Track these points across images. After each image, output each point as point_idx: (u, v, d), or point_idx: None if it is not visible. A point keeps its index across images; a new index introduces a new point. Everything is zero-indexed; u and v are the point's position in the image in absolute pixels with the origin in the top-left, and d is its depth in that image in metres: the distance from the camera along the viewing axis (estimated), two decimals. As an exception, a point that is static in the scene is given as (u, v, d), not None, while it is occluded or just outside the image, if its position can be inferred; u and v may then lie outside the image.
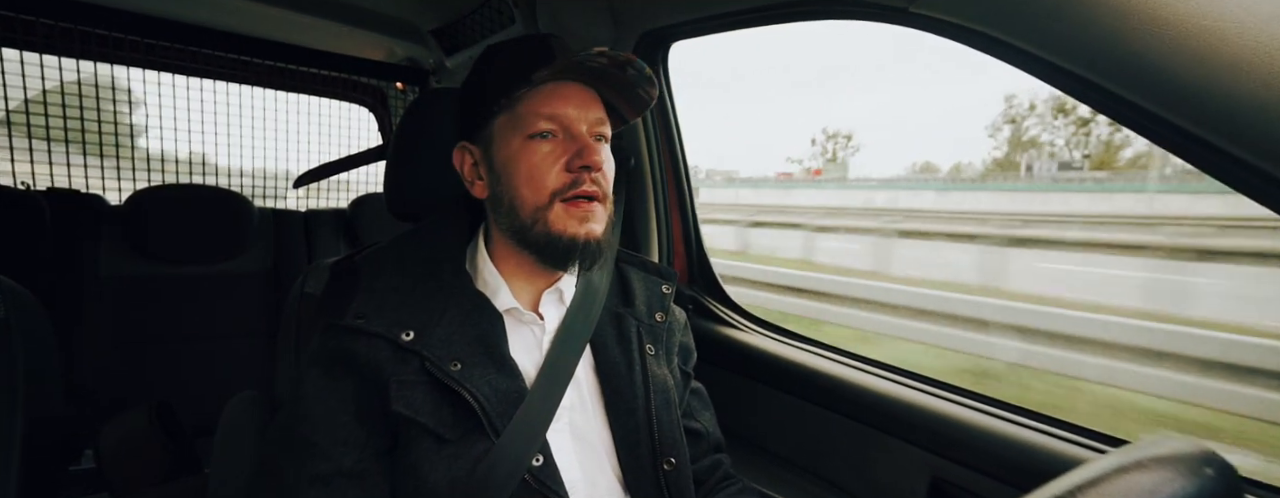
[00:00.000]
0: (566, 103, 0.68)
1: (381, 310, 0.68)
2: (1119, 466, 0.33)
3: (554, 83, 0.69)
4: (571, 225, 0.68)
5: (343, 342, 0.67)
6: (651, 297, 0.83)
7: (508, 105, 0.69)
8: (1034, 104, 32.33)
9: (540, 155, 0.68)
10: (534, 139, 0.68)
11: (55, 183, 1.85)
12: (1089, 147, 29.70)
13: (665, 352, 0.80)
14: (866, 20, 0.86)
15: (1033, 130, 33.34)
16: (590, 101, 0.70)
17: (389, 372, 0.65)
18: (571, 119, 0.68)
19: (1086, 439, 0.76)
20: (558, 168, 0.68)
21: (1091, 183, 20.86)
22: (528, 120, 0.68)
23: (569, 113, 0.68)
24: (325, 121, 2.40)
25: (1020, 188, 20.82)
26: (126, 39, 1.76)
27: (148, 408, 1.51)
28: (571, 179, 0.67)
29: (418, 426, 0.64)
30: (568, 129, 0.68)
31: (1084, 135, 30.27)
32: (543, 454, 0.66)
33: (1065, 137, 30.93)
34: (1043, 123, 31.45)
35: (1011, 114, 32.91)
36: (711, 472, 0.82)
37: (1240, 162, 0.54)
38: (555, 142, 0.68)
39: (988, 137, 37.02)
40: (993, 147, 37.18)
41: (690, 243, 1.40)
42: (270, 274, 1.96)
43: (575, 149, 0.67)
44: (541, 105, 0.68)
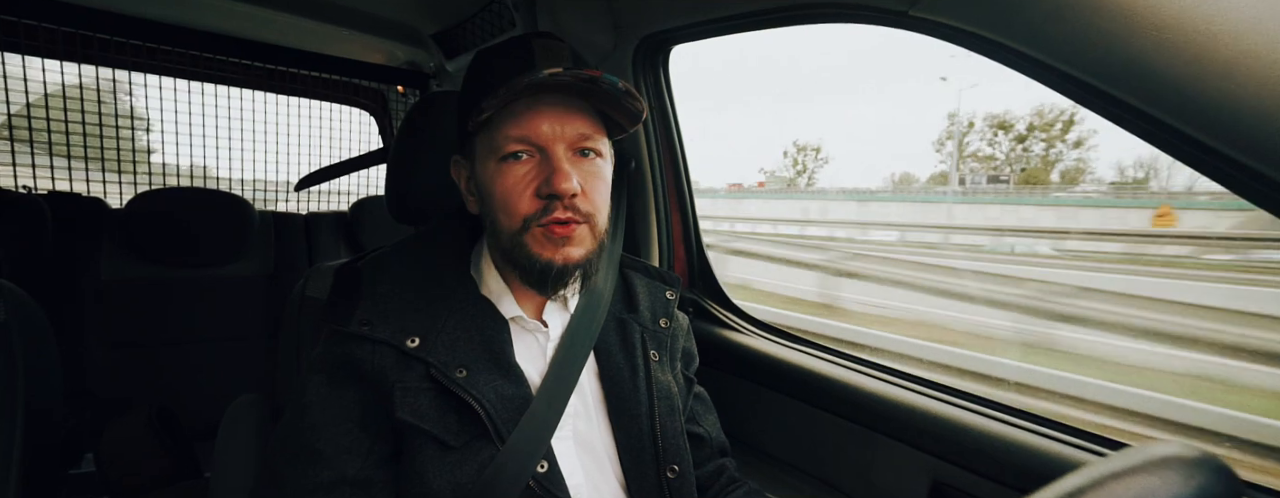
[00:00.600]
0: (540, 120, 0.64)
1: (386, 317, 0.67)
2: (1119, 469, 0.33)
3: (531, 98, 0.64)
4: (546, 251, 0.65)
5: (347, 348, 0.66)
6: (655, 302, 0.83)
7: (484, 124, 0.66)
8: (973, 122, 35.04)
9: (513, 179, 0.65)
10: (507, 161, 0.65)
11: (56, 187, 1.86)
12: (1028, 162, 32.36)
13: (669, 358, 0.80)
14: (867, 23, 0.86)
15: (974, 145, 36.05)
16: (571, 115, 0.65)
17: (393, 378, 0.64)
18: (544, 138, 0.64)
19: (1087, 442, 0.76)
20: (529, 193, 0.64)
21: (993, 196, 23.64)
22: (499, 142, 0.65)
23: (542, 131, 0.64)
24: (326, 125, 2.40)
25: (930, 199, 24.06)
26: (128, 43, 1.76)
27: (148, 411, 1.52)
28: (543, 205, 0.64)
29: (422, 432, 0.63)
30: (542, 149, 0.65)
31: (1024, 151, 33.06)
32: (547, 461, 0.66)
33: (1004, 152, 33.75)
34: (984, 138, 34.25)
35: (950, 130, 35.35)
36: (716, 477, 0.81)
37: (1239, 165, 0.54)
38: (529, 162, 0.65)
39: (934, 151, 40.14)
40: (938, 160, 40.15)
41: (691, 246, 1.40)
42: (271, 277, 1.96)
43: (546, 174, 0.63)
44: (512, 126, 0.64)
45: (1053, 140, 30.95)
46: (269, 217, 2.02)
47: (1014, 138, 32.37)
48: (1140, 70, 0.56)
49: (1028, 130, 31.16)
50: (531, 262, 0.66)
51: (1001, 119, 30.96)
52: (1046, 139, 31.13)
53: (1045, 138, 31.20)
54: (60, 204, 1.70)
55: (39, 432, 0.91)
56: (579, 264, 0.67)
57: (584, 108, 0.67)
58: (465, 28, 1.65)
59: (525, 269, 0.67)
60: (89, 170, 1.93)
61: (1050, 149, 30.58)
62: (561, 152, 0.65)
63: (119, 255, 1.75)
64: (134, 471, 1.43)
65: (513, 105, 0.64)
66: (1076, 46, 0.60)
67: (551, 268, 0.65)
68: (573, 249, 0.66)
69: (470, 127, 0.66)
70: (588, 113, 0.67)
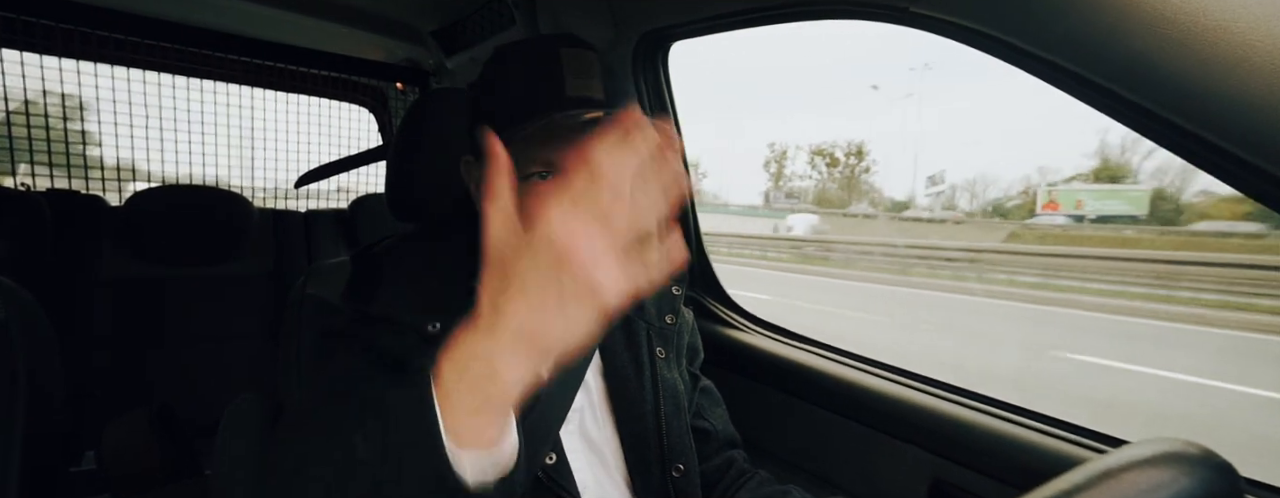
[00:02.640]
0: (563, 144, 0.63)
1: (407, 301, 0.67)
2: (1118, 465, 0.33)
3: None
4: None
5: (370, 331, 0.65)
6: (661, 299, 0.82)
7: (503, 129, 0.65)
8: (785, 149, 41.99)
9: (532, 196, 0.64)
10: (530, 179, 0.65)
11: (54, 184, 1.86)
12: (839, 183, 39.01)
13: (676, 355, 0.80)
14: (866, 20, 0.86)
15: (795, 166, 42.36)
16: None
17: (419, 361, 0.65)
18: (567, 160, 0.65)
19: (1086, 439, 0.76)
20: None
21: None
22: (519, 160, 0.64)
23: (566, 155, 0.63)
24: (325, 122, 2.40)
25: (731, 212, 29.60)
26: (127, 40, 1.76)
27: (148, 410, 1.52)
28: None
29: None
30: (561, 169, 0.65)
31: (841, 174, 39.59)
32: (556, 453, 0.67)
33: (818, 175, 40.33)
34: (801, 161, 41.11)
35: (769, 157, 42.25)
36: (726, 469, 0.81)
37: (1241, 161, 0.54)
38: (548, 182, 0.65)
39: (763, 169, 46.94)
40: (766, 179, 47.15)
41: (690, 245, 1.40)
42: (271, 275, 1.96)
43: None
44: (532, 146, 0.63)
45: (851, 167, 36.97)
46: (269, 215, 2.02)
47: (827, 162, 39.20)
48: (1141, 66, 0.56)
49: (846, 156, 37.17)
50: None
51: (822, 148, 37.99)
52: (848, 166, 36.89)
53: (847, 165, 37.07)
54: (59, 202, 1.70)
55: (40, 430, 0.91)
56: None
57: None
58: (464, 25, 1.65)
59: None
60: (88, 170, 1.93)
61: (850, 173, 37.36)
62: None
63: (119, 253, 1.75)
64: (134, 469, 1.43)
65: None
66: (1077, 42, 0.60)
67: None
68: None
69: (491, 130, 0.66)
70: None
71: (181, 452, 1.49)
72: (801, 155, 41.00)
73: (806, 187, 40.29)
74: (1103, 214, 13.19)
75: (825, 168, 39.12)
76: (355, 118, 2.49)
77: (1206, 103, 0.53)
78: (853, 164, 37.17)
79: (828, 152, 37.37)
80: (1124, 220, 11.12)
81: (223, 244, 1.87)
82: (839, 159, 37.76)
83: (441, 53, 1.83)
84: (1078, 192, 14.27)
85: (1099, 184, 15.74)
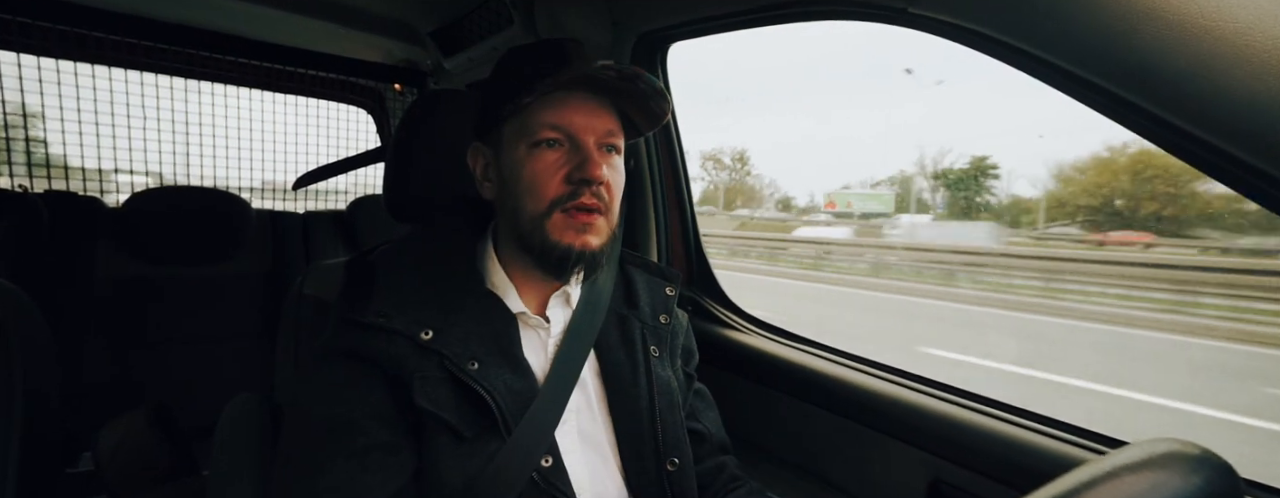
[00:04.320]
0: (574, 113, 0.68)
1: (402, 308, 0.68)
2: (1118, 466, 0.33)
3: (565, 92, 0.68)
4: (568, 235, 0.67)
5: (363, 338, 0.66)
6: (655, 299, 0.84)
7: (516, 111, 0.69)
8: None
9: (543, 164, 0.68)
10: (539, 147, 0.68)
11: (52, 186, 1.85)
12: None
13: (669, 354, 0.81)
14: (864, 21, 0.86)
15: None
16: (600, 112, 0.70)
17: (412, 367, 0.65)
18: (578, 129, 0.68)
19: (1086, 440, 0.76)
20: (558, 178, 0.67)
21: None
22: (533, 128, 0.68)
23: (576, 122, 0.68)
24: (323, 124, 2.40)
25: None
26: (124, 42, 1.76)
27: (146, 410, 1.51)
28: (571, 190, 0.67)
29: (439, 421, 0.64)
30: (573, 139, 0.68)
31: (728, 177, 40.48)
32: (552, 455, 0.67)
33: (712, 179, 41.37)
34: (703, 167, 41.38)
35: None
36: (717, 474, 0.82)
37: (1239, 161, 0.54)
38: (560, 151, 0.68)
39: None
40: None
41: (689, 244, 1.40)
42: (269, 276, 1.96)
43: (578, 161, 0.67)
44: (548, 114, 0.67)
45: (736, 172, 37.96)
46: (266, 215, 2.01)
47: (716, 166, 40.39)
48: (1140, 66, 0.56)
49: (734, 163, 37.87)
50: (552, 246, 0.68)
51: (713, 154, 38.68)
52: (734, 172, 37.82)
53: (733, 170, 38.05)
54: (57, 203, 1.69)
55: (37, 431, 0.91)
56: (595, 253, 0.69)
57: (610, 107, 0.71)
58: (463, 25, 1.65)
59: (544, 254, 0.69)
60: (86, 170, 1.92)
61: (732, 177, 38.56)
62: (592, 142, 0.68)
63: (116, 254, 1.75)
64: (132, 469, 1.43)
65: (551, 97, 0.68)
66: (1076, 43, 0.60)
67: (571, 253, 0.68)
68: (592, 237, 0.68)
69: (505, 112, 0.68)
70: (613, 112, 0.71)
71: (179, 452, 1.49)
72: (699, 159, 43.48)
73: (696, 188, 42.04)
74: (865, 212, 16.22)
75: (712, 171, 42.16)
76: (353, 119, 2.48)
77: (1206, 103, 0.53)
78: (736, 168, 40.13)
79: (716, 156, 40.64)
80: (879, 216, 13.72)
81: (220, 245, 1.87)
82: (726, 163, 40.82)
83: (439, 53, 1.83)
84: (850, 194, 17.35)
85: (862, 190, 18.58)
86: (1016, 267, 8.30)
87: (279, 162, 2.31)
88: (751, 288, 8.32)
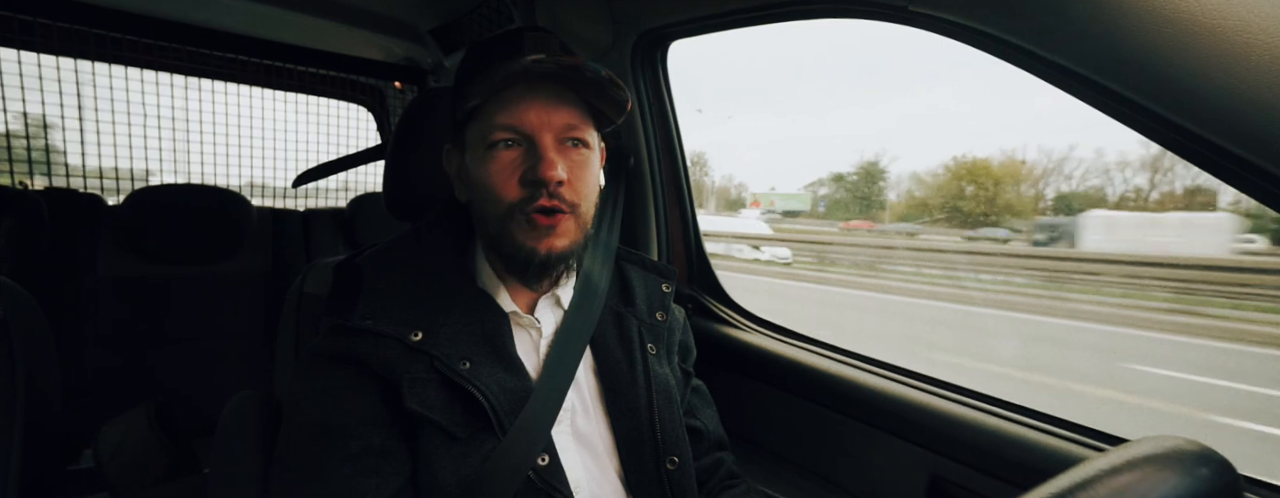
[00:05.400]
0: (527, 110, 0.65)
1: (389, 311, 0.67)
2: (1117, 464, 0.33)
3: (522, 87, 0.65)
4: (530, 239, 0.66)
5: (351, 343, 0.66)
6: (652, 296, 0.83)
7: (474, 113, 0.67)
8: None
9: (499, 165, 0.66)
10: (495, 148, 0.66)
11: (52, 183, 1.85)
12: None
13: (666, 351, 0.80)
14: (865, 19, 0.86)
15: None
16: (558, 106, 0.66)
17: (401, 369, 0.64)
18: (532, 126, 0.65)
19: (1085, 437, 0.76)
20: (515, 180, 0.65)
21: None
22: (487, 129, 0.66)
23: (529, 120, 0.65)
24: (324, 121, 2.40)
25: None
26: (124, 39, 1.75)
27: (146, 408, 1.51)
28: (528, 193, 0.65)
29: (431, 423, 0.64)
30: (529, 138, 0.65)
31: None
32: (548, 454, 0.67)
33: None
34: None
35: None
36: (714, 471, 0.82)
37: (1240, 160, 0.54)
38: (517, 151, 0.66)
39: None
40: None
41: (689, 242, 1.40)
42: (269, 274, 1.96)
43: (532, 161, 0.65)
44: (501, 114, 0.65)
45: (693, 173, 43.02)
46: (267, 213, 2.01)
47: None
48: (1142, 65, 0.56)
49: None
50: (516, 250, 0.66)
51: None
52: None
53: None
54: (57, 201, 1.69)
55: (38, 428, 0.91)
56: (563, 255, 0.67)
57: (572, 99, 0.68)
58: (463, 23, 1.64)
59: (510, 258, 0.68)
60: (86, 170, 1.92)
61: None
62: (549, 140, 0.66)
63: (117, 252, 1.75)
64: (133, 467, 1.43)
65: (503, 94, 0.65)
66: (1078, 41, 0.60)
67: (535, 256, 0.66)
68: (557, 240, 0.66)
69: (459, 115, 0.67)
70: (576, 104, 0.68)
71: (180, 450, 1.49)
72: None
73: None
74: (786, 210, 17.64)
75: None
76: (353, 117, 2.48)
77: (1207, 102, 0.53)
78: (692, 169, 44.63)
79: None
80: (799, 214, 15.26)
81: (221, 243, 1.87)
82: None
83: (440, 51, 1.83)
84: (774, 195, 18.85)
85: (786, 191, 21.14)
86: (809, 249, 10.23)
87: (279, 159, 2.31)
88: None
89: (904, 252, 6.99)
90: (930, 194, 14.80)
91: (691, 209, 1.39)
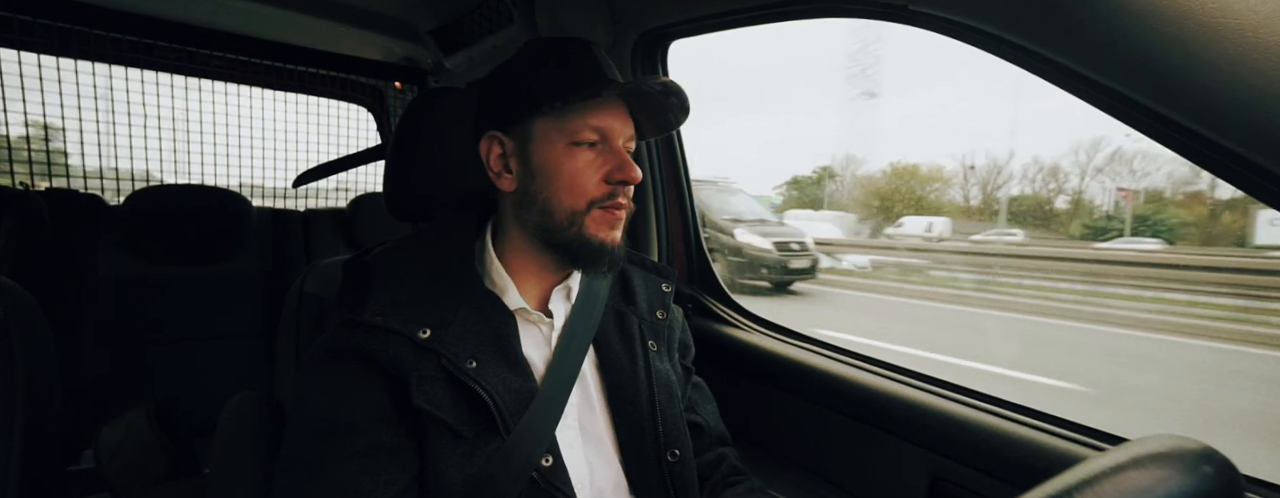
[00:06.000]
0: (612, 117, 0.71)
1: (398, 308, 0.68)
2: (1118, 463, 0.33)
3: (609, 94, 0.71)
4: (602, 232, 0.71)
5: (361, 339, 0.66)
6: (652, 295, 0.85)
7: (555, 109, 0.70)
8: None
9: (583, 162, 0.70)
10: (579, 146, 0.70)
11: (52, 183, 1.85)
12: None
13: (666, 348, 0.82)
14: (866, 18, 0.86)
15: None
16: (626, 117, 0.73)
17: (409, 367, 0.65)
18: (613, 132, 0.71)
19: (1086, 437, 0.76)
20: (598, 178, 0.70)
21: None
22: (575, 127, 0.70)
23: (614, 126, 0.71)
24: (324, 121, 2.40)
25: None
26: (124, 39, 1.75)
27: (147, 408, 1.51)
28: (610, 190, 0.70)
29: (438, 421, 0.64)
30: (608, 141, 0.71)
31: None
32: (552, 454, 0.67)
33: None
34: None
35: None
36: (716, 466, 0.82)
37: (1240, 158, 0.54)
38: (596, 151, 0.71)
39: None
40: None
41: (689, 243, 1.40)
42: (269, 274, 1.96)
43: (616, 163, 0.70)
44: (590, 116, 0.70)
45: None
46: (267, 213, 2.01)
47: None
48: (1143, 63, 0.56)
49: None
50: (587, 241, 0.70)
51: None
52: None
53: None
54: (58, 201, 1.69)
55: (38, 429, 0.91)
56: (619, 247, 0.73)
57: (629, 111, 0.74)
58: (463, 24, 1.64)
59: (577, 249, 0.71)
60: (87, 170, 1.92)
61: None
62: (624, 146, 0.72)
63: (117, 252, 1.75)
64: (133, 467, 1.43)
65: (591, 99, 0.70)
66: (1078, 39, 0.60)
67: (606, 249, 0.71)
68: (618, 233, 0.73)
69: (543, 107, 0.69)
70: (631, 117, 0.75)
71: (180, 450, 1.49)
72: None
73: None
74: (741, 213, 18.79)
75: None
76: (354, 117, 2.48)
77: (1208, 100, 0.53)
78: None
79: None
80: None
81: (221, 243, 1.87)
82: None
83: (440, 51, 1.83)
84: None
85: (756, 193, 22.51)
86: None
87: (279, 159, 2.31)
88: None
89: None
90: (867, 195, 16.82)
91: (692, 209, 1.39)
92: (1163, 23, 0.53)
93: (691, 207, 1.38)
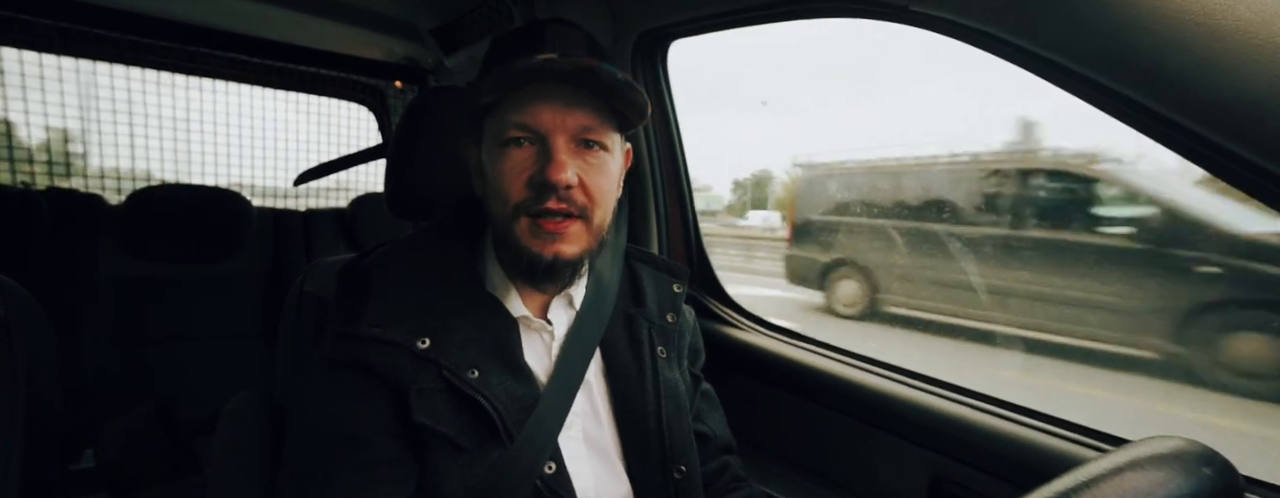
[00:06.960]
0: (542, 109, 0.62)
1: (398, 317, 0.65)
2: (1119, 464, 0.33)
3: (540, 84, 0.62)
4: (535, 244, 0.64)
5: (360, 350, 0.64)
6: (663, 296, 0.81)
7: (490, 108, 0.65)
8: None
9: (509, 164, 0.63)
10: (507, 146, 0.64)
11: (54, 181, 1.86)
12: None
13: (676, 354, 0.79)
14: (865, 18, 0.85)
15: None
16: (576, 105, 0.63)
17: (409, 378, 0.63)
18: (545, 126, 0.62)
19: (1087, 438, 0.76)
20: (522, 181, 0.63)
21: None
22: (501, 125, 0.64)
23: (542, 119, 0.62)
24: (325, 121, 2.40)
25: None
26: (124, 39, 1.75)
27: (147, 408, 1.52)
28: (534, 195, 0.63)
29: (438, 435, 0.62)
30: (542, 138, 0.63)
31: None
32: (555, 462, 0.65)
33: None
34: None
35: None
36: (719, 474, 0.81)
37: (1239, 158, 0.54)
38: (529, 150, 0.63)
39: None
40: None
41: (690, 243, 1.40)
42: (269, 274, 1.96)
43: (542, 163, 0.62)
44: (514, 110, 0.63)
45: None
46: (268, 213, 2.01)
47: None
48: (1143, 64, 0.56)
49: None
50: (519, 252, 0.65)
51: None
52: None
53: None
54: (59, 200, 1.70)
55: (39, 428, 0.91)
56: (570, 262, 0.65)
57: (591, 99, 0.64)
58: (463, 23, 1.64)
59: (514, 260, 0.66)
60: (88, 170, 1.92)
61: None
62: (562, 142, 0.63)
63: (117, 252, 1.75)
64: (133, 467, 1.43)
65: (520, 91, 0.63)
66: (1078, 40, 0.60)
67: (540, 261, 0.64)
68: (564, 245, 0.64)
69: (480, 107, 0.65)
70: (594, 104, 0.64)
71: (180, 450, 1.49)
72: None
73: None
74: (705, 210, 20.42)
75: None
76: (354, 116, 2.48)
77: (1208, 101, 0.53)
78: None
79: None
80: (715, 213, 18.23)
81: (221, 243, 1.87)
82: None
83: (440, 51, 1.83)
84: (706, 195, 22.34)
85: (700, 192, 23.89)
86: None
87: (280, 159, 2.31)
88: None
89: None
90: (787, 195, 17.87)
91: (692, 209, 1.38)
92: (1163, 23, 0.53)
93: (691, 206, 1.38)
